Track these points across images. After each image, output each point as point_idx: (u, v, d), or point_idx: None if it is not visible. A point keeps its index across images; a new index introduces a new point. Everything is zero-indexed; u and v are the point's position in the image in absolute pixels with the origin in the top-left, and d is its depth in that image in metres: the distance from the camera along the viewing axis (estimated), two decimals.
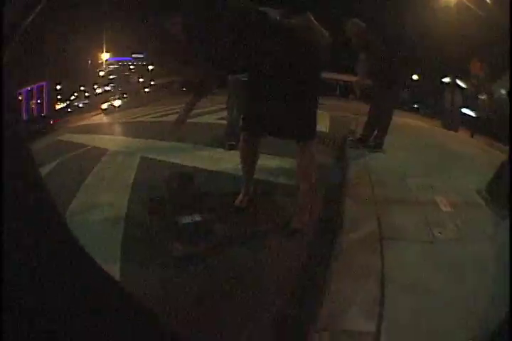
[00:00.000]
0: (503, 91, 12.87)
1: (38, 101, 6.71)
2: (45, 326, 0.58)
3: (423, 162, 4.30)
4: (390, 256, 1.96)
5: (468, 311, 1.58)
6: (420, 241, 2.22)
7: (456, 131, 10.43)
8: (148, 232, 2.31)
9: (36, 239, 0.63)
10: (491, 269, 2.00)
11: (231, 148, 4.28)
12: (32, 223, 0.65)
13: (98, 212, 2.70)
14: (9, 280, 0.55)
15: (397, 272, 1.82)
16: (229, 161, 3.81)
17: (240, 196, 2.70)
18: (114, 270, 1.83)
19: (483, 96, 14.01)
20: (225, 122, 4.70)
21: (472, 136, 10.13)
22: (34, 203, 0.68)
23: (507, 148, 3.50)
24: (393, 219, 2.47)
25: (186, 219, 2.26)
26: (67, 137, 5.98)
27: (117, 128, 6.93)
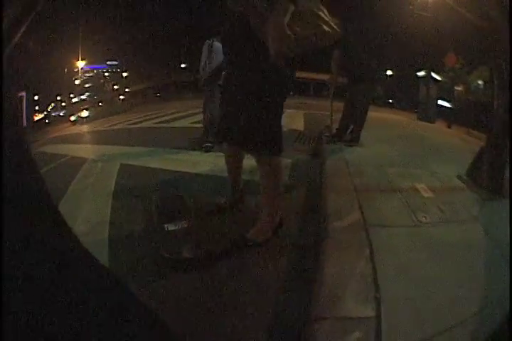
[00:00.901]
0: (480, 82, 13.31)
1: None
2: (40, 324, 0.56)
3: (401, 153, 4.40)
4: (377, 242, 1.97)
5: (462, 290, 1.60)
6: (405, 226, 2.24)
7: (433, 122, 10.71)
8: (133, 240, 2.27)
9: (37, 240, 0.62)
10: (480, 247, 2.05)
11: (208, 150, 4.33)
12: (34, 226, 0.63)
13: (82, 221, 2.65)
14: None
15: (387, 257, 1.83)
16: (207, 163, 3.84)
17: (226, 197, 2.63)
18: None
19: (459, 88, 14.49)
20: (200, 125, 4.76)
21: (450, 127, 10.42)
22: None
23: (484, 135, 3.55)
24: (375, 207, 2.49)
25: (172, 226, 2.22)
26: (46, 149, 5.89)
27: (95, 137, 6.88)
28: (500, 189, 2.93)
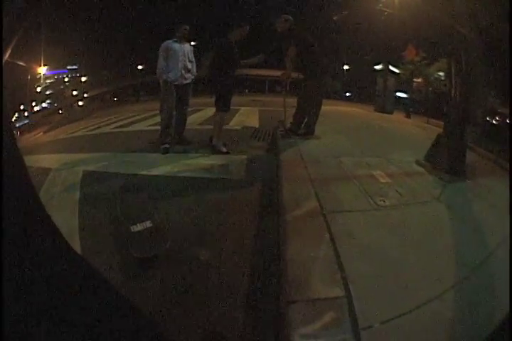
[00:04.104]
0: (441, 73, 13.86)
1: None
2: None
3: (357, 143, 4.52)
4: (336, 226, 2.03)
5: (428, 268, 1.68)
6: (364, 210, 2.32)
7: (390, 113, 11.09)
8: (103, 244, 2.27)
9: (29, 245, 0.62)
10: (444, 225, 2.16)
11: (165, 151, 4.34)
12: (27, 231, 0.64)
13: None
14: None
15: (348, 240, 1.89)
16: (165, 165, 3.88)
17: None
18: None
19: (418, 79, 15.05)
20: (156, 128, 4.76)
21: (409, 117, 10.83)
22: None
23: (441, 123, 3.75)
24: (332, 195, 2.55)
25: (138, 227, 2.23)
26: None
27: (57, 146, 6.67)
28: (462, 171, 3.12)
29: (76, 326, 0.61)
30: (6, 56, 0.80)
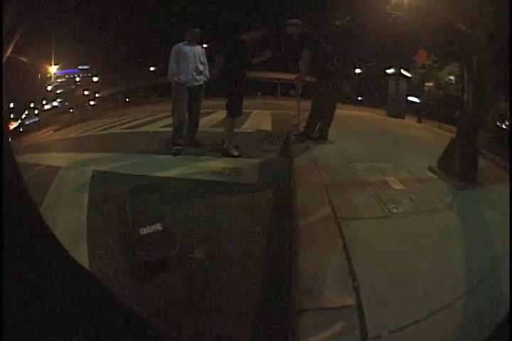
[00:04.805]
0: (452, 77, 13.74)
1: None
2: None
3: (370, 148, 4.47)
4: (349, 234, 2.01)
5: (442, 275, 1.65)
6: (377, 218, 2.29)
7: (402, 118, 10.99)
8: (112, 245, 2.26)
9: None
10: (456, 234, 2.12)
11: (177, 153, 4.34)
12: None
13: (60, 231, 2.59)
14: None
15: (361, 247, 1.87)
16: (176, 166, 3.87)
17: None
18: None
19: (430, 84, 14.94)
20: (168, 129, 4.78)
21: (420, 122, 10.71)
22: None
23: (454, 128, 3.68)
24: (345, 201, 2.53)
25: (148, 229, 2.22)
26: (20, 158, 5.70)
27: (67, 144, 6.73)
28: (474, 178, 3.06)
29: (77, 332, 0.60)
30: (7, 54, 0.78)
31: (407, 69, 13.13)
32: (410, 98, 13.46)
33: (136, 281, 1.89)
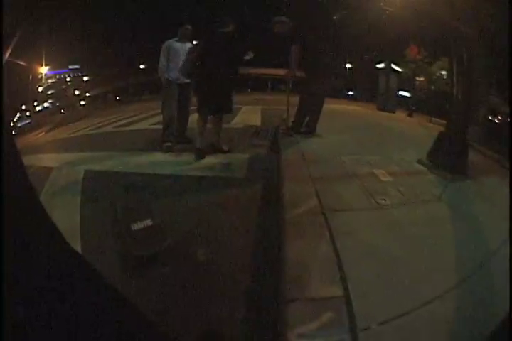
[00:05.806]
0: (443, 72, 13.83)
1: None
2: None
3: (359, 141, 4.49)
4: (336, 225, 2.02)
5: (428, 268, 1.66)
6: (364, 209, 2.31)
7: (393, 112, 11.05)
8: (104, 241, 2.28)
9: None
10: (446, 224, 2.14)
11: (167, 150, 4.37)
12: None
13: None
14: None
15: (348, 239, 1.88)
16: (167, 163, 3.92)
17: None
18: None
19: (420, 78, 15.00)
20: (159, 127, 4.81)
21: (411, 116, 10.79)
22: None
23: (444, 121, 3.74)
24: (332, 193, 2.54)
25: (138, 225, 2.24)
26: None
27: (59, 145, 6.70)
28: (464, 170, 3.10)
29: (75, 326, 0.61)
30: (7, 56, 0.79)
31: (397, 64, 13.19)
32: (401, 92, 13.54)
33: (128, 276, 1.92)
